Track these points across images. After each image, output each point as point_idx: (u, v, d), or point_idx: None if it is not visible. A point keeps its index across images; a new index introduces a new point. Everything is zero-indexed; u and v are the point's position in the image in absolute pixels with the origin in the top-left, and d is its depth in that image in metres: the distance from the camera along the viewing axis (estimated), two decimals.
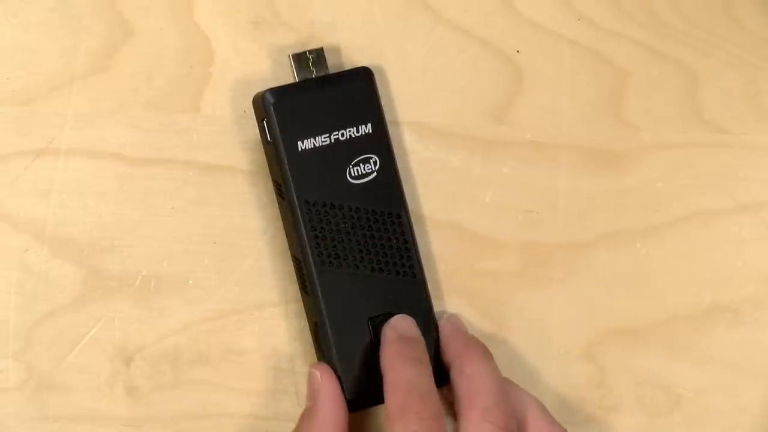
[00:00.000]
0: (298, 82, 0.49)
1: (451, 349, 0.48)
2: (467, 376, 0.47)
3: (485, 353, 0.48)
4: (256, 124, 0.49)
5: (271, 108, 0.47)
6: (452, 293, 0.52)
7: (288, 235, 0.49)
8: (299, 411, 0.48)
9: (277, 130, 0.47)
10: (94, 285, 0.50)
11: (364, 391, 0.48)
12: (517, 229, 0.52)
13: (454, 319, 0.50)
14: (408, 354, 0.46)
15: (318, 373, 0.48)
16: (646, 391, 0.52)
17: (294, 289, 0.50)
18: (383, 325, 0.48)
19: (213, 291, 0.50)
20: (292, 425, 0.48)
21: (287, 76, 0.50)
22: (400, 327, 0.48)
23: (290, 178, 0.47)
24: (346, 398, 0.47)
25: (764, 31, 0.53)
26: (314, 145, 0.48)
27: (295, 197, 0.47)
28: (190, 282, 0.50)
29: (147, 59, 0.50)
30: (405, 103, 0.51)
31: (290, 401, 0.51)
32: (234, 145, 0.50)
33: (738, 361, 0.53)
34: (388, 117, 0.50)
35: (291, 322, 0.51)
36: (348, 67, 0.51)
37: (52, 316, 0.50)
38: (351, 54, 0.51)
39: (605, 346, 0.52)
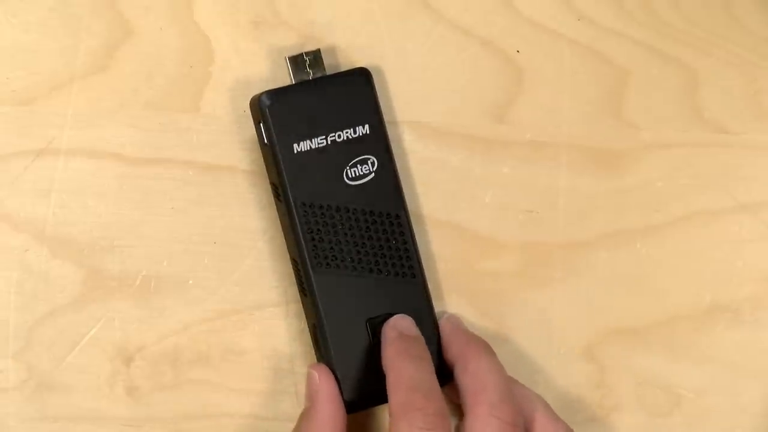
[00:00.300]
0: (295, 84, 0.49)
1: (454, 347, 0.48)
2: (471, 373, 0.47)
3: (488, 349, 0.48)
4: (254, 126, 0.49)
5: (267, 110, 0.47)
6: (452, 293, 0.52)
7: (286, 237, 0.49)
8: (299, 411, 0.48)
9: (273, 132, 0.47)
10: (94, 285, 0.50)
11: (362, 392, 0.48)
12: (517, 229, 0.52)
13: (454, 319, 0.50)
14: (409, 352, 0.46)
15: (316, 374, 0.48)
16: (646, 391, 0.52)
17: (294, 289, 0.50)
18: (383, 326, 0.48)
19: (213, 291, 0.50)
20: (292, 425, 0.48)
21: (287, 76, 0.50)
22: (400, 326, 0.48)
23: (286, 181, 0.47)
24: (344, 399, 0.47)
25: (764, 30, 0.53)
26: (311, 147, 0.47)
27: (291, 199, 0.47)
28: (190, 282, 0.50)
29: (147, 59, 0.50)
30: (405, 103, 0.51)
31: (290, 402, 0.51)
32: (234, 144, 0.50)
33: (738, 360, 0.53)
34: (387, 117, 0.50)
35: (291, 323, 0.51)
36: (347, 67, 0.51)
37: (52, 316, 0.50)
38: (350, 54, 0.51)
39: (605, 346, 0.52)
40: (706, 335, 0.53)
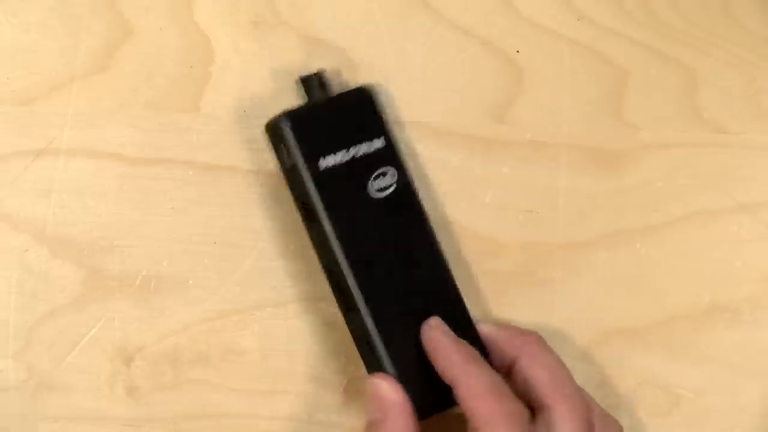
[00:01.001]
0: (307, 103, 0.49)
1: (512, 341, 0.48)
2: (544, 366, 0.47)
3: (544, 340, 0.48)
4: (270, 150, 0.48)
5: (290, 131, 0.47)
6: None
7: (322, 255, 0.48)
8: (299, 411, 0.49)
9: (299, 152, 0.47)
10: (94, 285, 0.50)
11: (426, 398, 0.47)
12: (517, 229, 0.52)
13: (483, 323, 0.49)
14: (471, 354, 0.46)
15: (385, 384, 0.46)
16: (646, 391, 0.52)
17: (295, 289, 0.50)
18: (422, 330, 0.47)
19: (213, 291, 0.50)
20: (292, 425, 0.48)
21: (287, 75, 0.50)
22: (443, 328, 0.47)
23: (318, 198, 0.47)
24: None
25: (763, 30, 0.53)
26: (334, 163, 0.47)
27: (326, 217, 0.47)
28: (190, 282, 0.50)
29: (147, 59, 0.50)
30: (405, 103, 0.51)
31: (290, 402, 0.51)
32: (234, 144, 0.50)
33: (737, 360, 0.53)
34: (389, 117, 0.50)
35: (291, 323, 0.51)
36: (347, 67, 0.51)
37: (52, 316, 0.50)
38: (351, 54, 0.51)
39: (605, 346, 0.52)
40: (706, 335, 0.53)
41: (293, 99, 0.50)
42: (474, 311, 0.51)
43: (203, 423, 0.50)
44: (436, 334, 0.47)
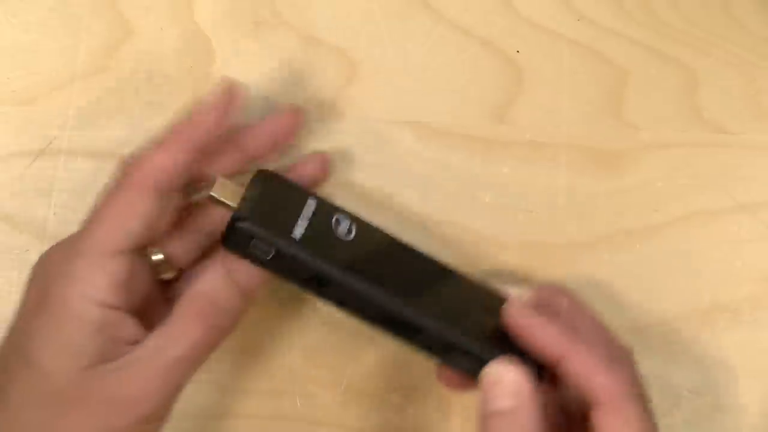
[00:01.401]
0: (240, 203, 0.46)
1: (554, 301, 0.48)
2: (586, 320, 0.47)
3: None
4: (239, 255, 0.46)
5: (254, 225, 0.45)
6: None
7: (359, 307, 0.47)
8: (299, 411, 0.48)
9: (275, 236, 0.46)
10: None
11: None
12: (517, 229, 0.52)
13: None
14: (567, 328, 0.45)
15: (513, 370, 0.44)
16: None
17: (295, 289, 0.50)
18: (506, 313, 0.46)
19: None
20: (292, 425, 0.48)
21: (287, 75, 0.50)
22: (527, 308, 0.46)
23: (322, 262, 0.46)
24: None
25: (763, 30, 0.53)
26: (301, 232, 0.46)
27: (342, 272, 0.46)
28: None
29: (147, 59, 0.50)
30: (405, 103, 0.51)
31: (290, 401, 0.51)
32: None
33: (737, 360, 0.53)
34: (388, 117, 0.50)
35: (291, 323, 0.51)
36: (348, 66, 0.51)
37: None
38: (351, 54, 0.51)
39: None
40: (706, 335, 0.53)
41: (293, 98, 0.50)
42: None
43: (203, 423, 0.50)
44: (525, 315, 0.46)
